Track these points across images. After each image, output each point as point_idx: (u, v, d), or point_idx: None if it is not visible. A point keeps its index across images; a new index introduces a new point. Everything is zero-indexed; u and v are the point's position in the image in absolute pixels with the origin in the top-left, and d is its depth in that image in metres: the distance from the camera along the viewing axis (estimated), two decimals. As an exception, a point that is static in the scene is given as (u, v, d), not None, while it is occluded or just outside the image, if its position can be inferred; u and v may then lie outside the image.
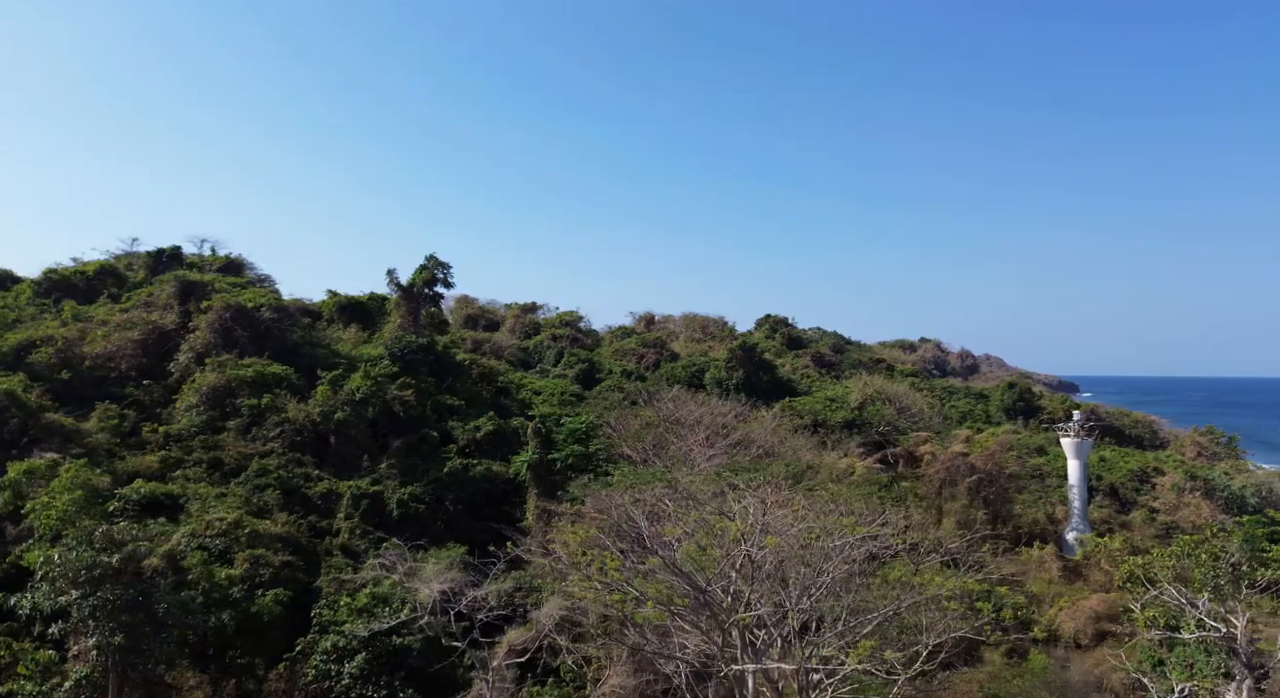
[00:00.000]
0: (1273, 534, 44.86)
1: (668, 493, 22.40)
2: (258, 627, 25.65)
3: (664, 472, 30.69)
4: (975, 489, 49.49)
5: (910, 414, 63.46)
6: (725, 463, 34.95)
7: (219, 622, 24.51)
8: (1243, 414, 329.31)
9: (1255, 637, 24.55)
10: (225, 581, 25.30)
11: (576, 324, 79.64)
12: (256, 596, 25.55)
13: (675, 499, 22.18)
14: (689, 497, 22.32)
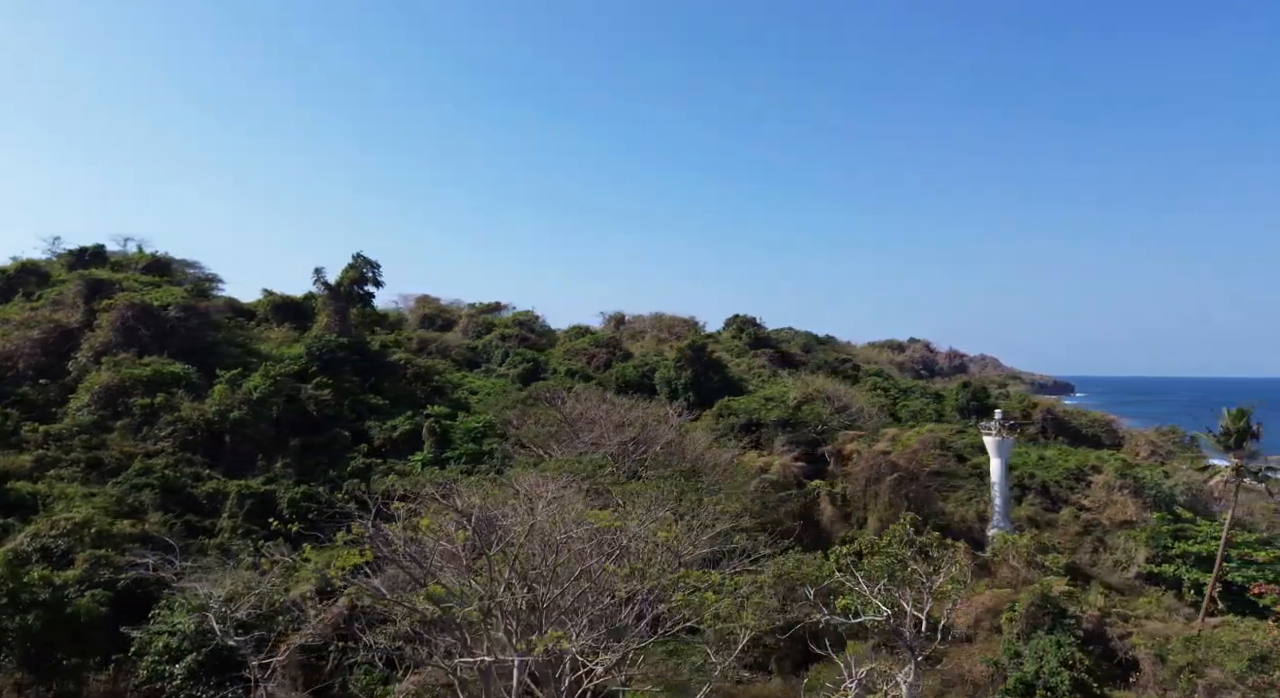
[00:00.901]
0: (1177, 531, 45.89)
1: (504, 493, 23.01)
2: (75, 628, 25.34)
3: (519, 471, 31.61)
4: (896, 488, 50.21)
5: (850, 413, 64.14)
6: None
7: (24, 623, 24.21)
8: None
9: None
10: (38, 581, 25.24)
11: (531, 324, 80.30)
12: (82, 596, 25.56)
13: (515, 499, 22.81)
14: (527, 497, 23.01)
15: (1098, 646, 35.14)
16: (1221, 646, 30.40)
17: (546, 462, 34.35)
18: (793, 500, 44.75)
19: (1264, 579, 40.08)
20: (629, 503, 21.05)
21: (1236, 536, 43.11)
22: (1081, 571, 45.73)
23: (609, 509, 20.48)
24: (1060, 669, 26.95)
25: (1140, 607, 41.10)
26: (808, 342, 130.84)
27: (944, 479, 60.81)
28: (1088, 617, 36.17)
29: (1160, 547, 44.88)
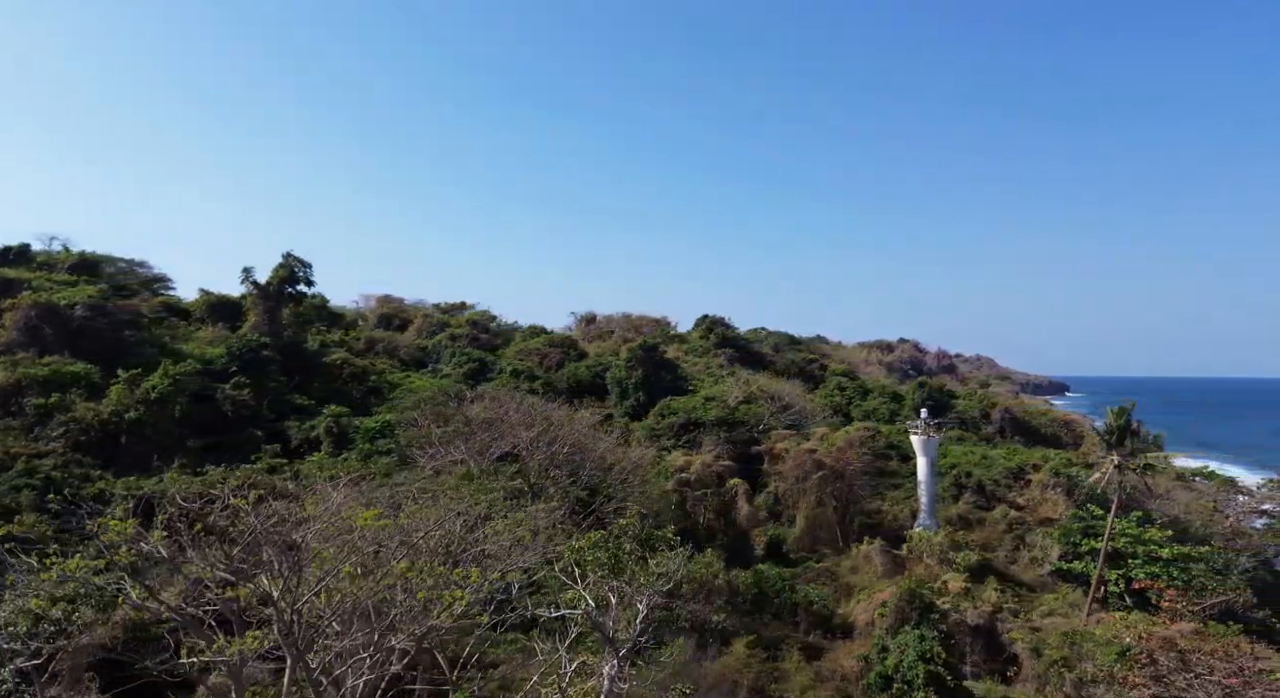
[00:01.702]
0: (1087, 528, 46.38)
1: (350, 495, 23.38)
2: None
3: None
4: (822, 485, 50.70)
5: (792, 412, 64.62)
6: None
7: None
8: (1216, 413, 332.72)
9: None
10: None
11: (486, 324, 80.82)
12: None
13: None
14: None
15: (985, 640, 35.76)
16: (1094, 640, 30.92)
17: (418, 466, 34.92)
18: (708, 499, 45.20)
19: (1168, 576, 40.54)
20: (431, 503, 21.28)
21: (1145, 533, 43.52)
22: (995, 567, 46.22)
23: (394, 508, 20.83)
24: (917, 663, 27.42)
25: (1045, 603, 41.66)
26: (780, 341, 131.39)
27: (884, 478, 61.36)
28: (979, 613, 36.74)
29: (1071, 544, 45.35)
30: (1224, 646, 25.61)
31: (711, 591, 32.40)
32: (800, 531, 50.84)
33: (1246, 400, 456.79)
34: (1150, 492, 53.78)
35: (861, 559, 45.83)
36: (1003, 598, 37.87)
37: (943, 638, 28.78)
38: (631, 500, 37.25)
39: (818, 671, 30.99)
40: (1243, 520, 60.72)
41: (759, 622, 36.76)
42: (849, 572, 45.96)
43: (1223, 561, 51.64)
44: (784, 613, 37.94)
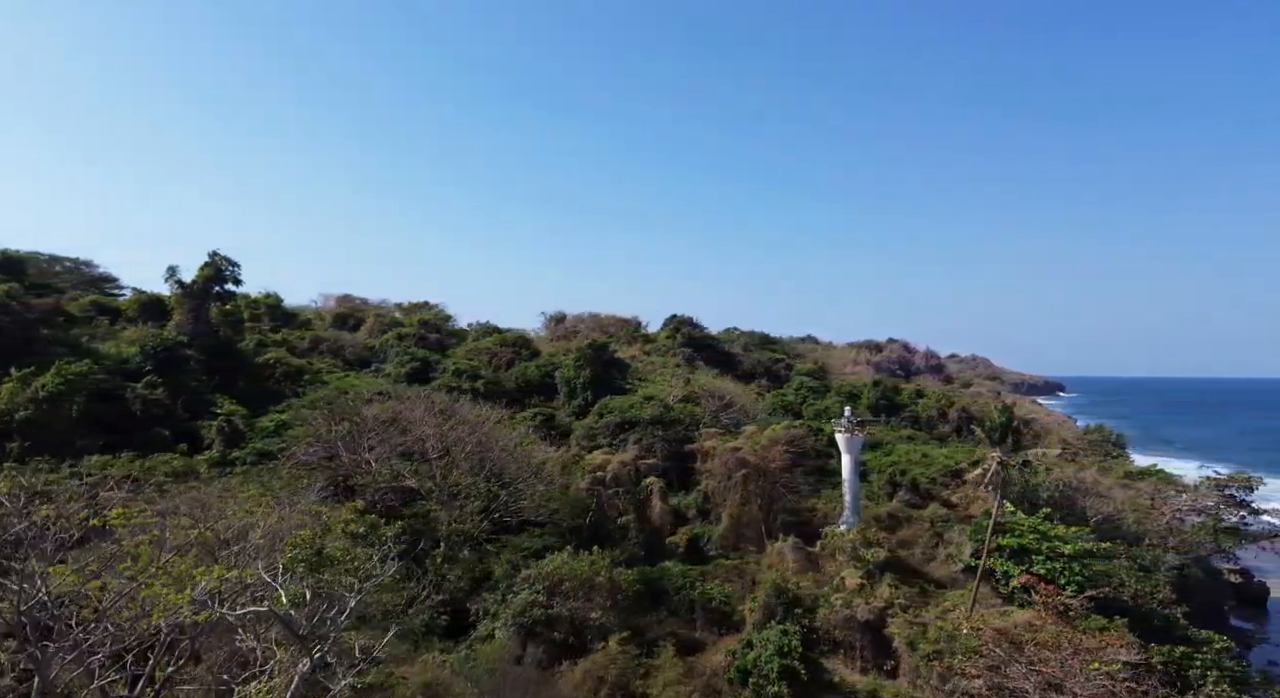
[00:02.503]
0: (998, 526, 46.47)
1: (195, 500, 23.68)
2: None
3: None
4: (746, 483, 50.89)
5: (733, 410, 64.82)
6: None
7: None
8: (1204, 413, 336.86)
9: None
10: None
11: (438, 324, 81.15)
12: None
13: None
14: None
15: (873, 636, 35.95)
16: (962, 635, 31.12)
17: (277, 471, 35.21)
18: (620, 497, 45.45)
19: (1068, 571, 40.64)
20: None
21: (1050, 529, 43.65)
22: (909, 564, 46.39)
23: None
24: (773, 658, 27.64)
25: (950, 599, 41.82)
26: (752, 341, 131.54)
27: (825, 476, 61.53)
28: (869, 609, 36.93)
29: (980, 541, 45.46)
30: (1054, 637, 25.80)
31: (592, 588, 32.62)
32: (725, 528, 51.05)
33: (1239, 400, 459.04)
34: (1026, 486, 54.07)
35: (776, 556, 46.01)
36: (895, 594, 38.01)
37: (805, 632, 28.96)
38: (532, 496, 37.61)
39: (691, 666, 31.21)
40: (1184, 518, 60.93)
41: (654, 619, 37.02)
42: (765, 569, 46.17)
43: (1150, 557, 51.92)
44: (681, 610, 38.16)
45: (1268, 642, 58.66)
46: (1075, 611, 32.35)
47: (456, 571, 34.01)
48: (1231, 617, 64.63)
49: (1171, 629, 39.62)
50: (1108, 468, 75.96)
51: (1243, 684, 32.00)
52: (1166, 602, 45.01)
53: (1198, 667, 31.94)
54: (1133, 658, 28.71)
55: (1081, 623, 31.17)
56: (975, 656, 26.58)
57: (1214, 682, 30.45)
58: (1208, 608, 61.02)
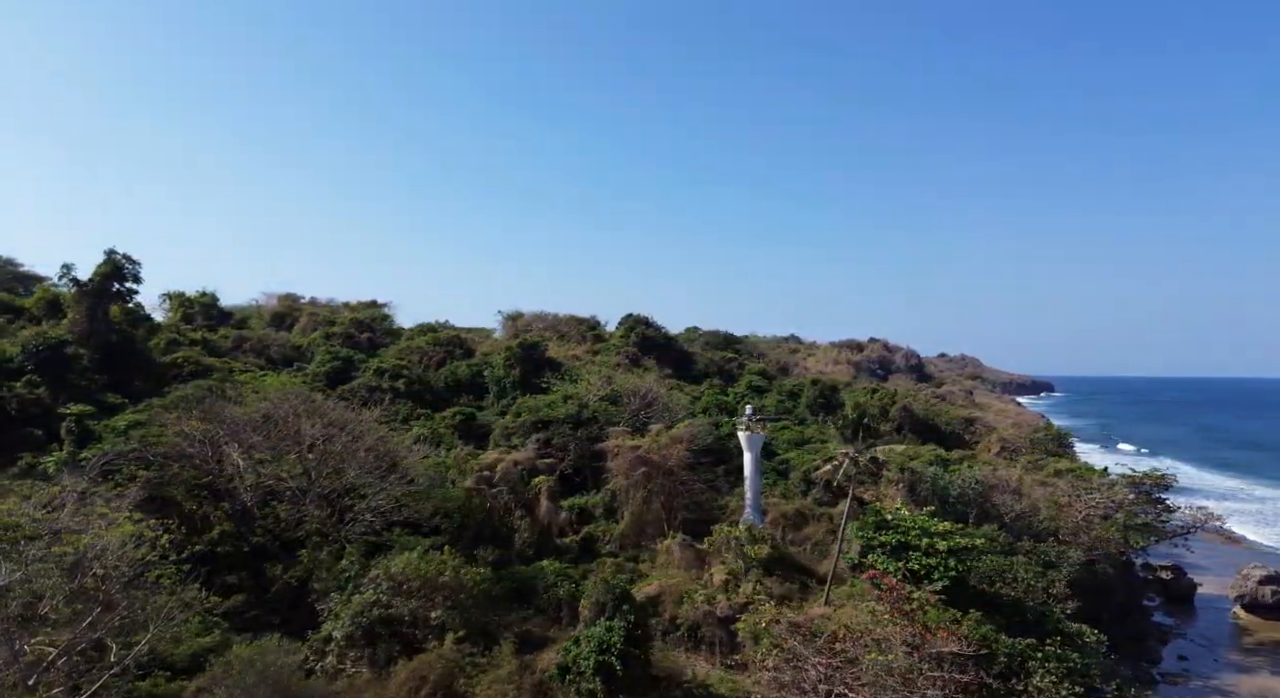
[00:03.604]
0: (881, 523, 46.46)
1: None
2: None
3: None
4: (647, 482, 50.90)
5: (656, 409, 64.76)
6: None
7: None
8: (1174, 411, 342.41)
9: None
10: None
11: (372, 323, 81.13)
12: None
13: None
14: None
15: (729, 630, 35.98)
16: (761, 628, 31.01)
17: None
18: (504, 497, 45.45)
19: (945, 567, 40.61)
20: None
21: (933, 526, 43.60)
22: (794, 560, 46.44)
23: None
24: (591, 654, 27.64)
25: (834, 597, 41.85)
26: (712, 341, 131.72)
27: (738, 475, 61.58)
28: (730, 605, 36.97)
29: (867, 538, 45.43)
30: (843, 628, 25.85)
31: (435, 588, 32.62)
32: (626, 526, 51.10)
33: (1232, 400, 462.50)
34: (936, 485, 54.07)
35: (665, 554, 46.07)
36: (761, 589, 38.05)
37: (630, 627, 28.94)
38: (389, 495, 37.61)
39: (529, 663, 31.21)
40: (1096, 515, 60.86)
41: (517, 617, 37.04)
42: (656, 567, 46.21)
43: (1055, 553, 51.95)
44: (549, 608, 38.18)
45: (1184, 638, 58.80)
46: (919, 603, 32.32)
47: (298, 571, 34.06)
48: (1157, 613, 64.85)
49: (1043, 623, 39.61)
50: (1040, 466, 76.10)
51: (1081, 677, 32.01)
52: (1061, 597, 45.08)
53: (1037, 659, 31.98)
54: (960, 649, 28.74)
55: (921, 616, 31.13)
56: (775, 649, 26.63)
57: (1043, 674, 30.49)
58: (1127, 604, 61.30)
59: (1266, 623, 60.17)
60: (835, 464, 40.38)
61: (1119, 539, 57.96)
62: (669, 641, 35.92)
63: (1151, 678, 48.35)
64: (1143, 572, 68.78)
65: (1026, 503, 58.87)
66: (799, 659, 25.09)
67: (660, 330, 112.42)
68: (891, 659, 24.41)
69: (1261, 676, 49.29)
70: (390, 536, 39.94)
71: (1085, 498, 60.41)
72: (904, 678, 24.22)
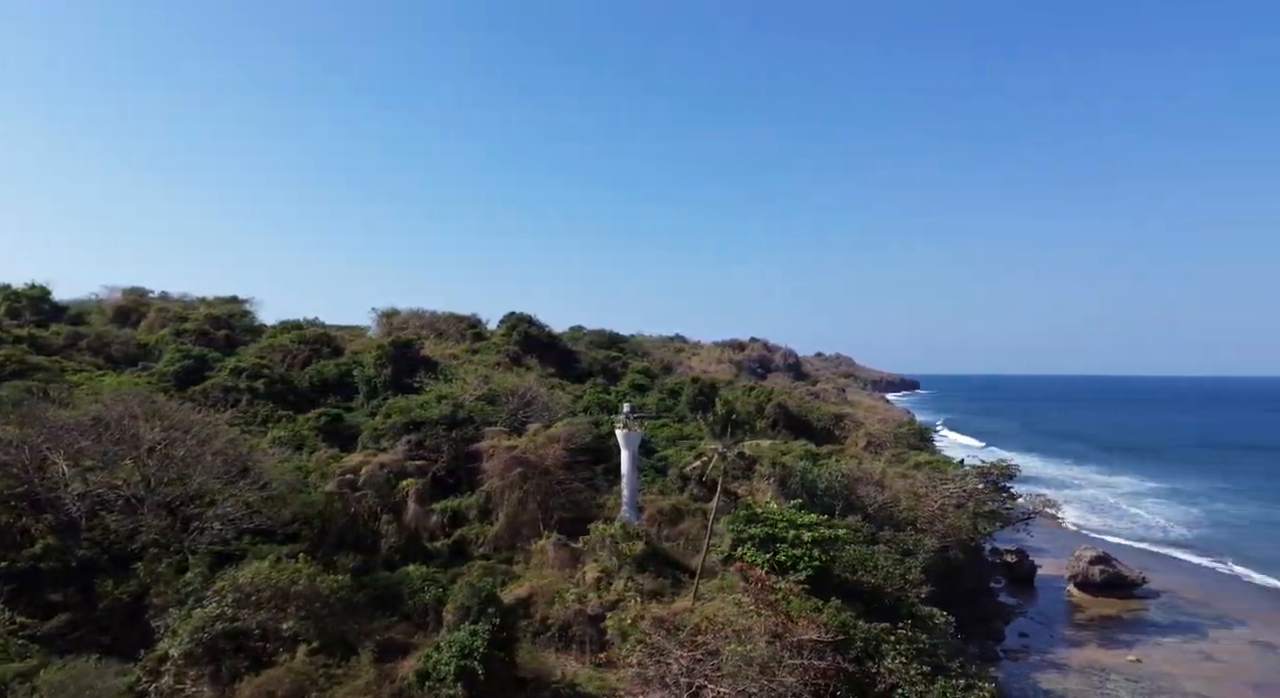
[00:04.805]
0: (751, 516, 47.67)
1: None
2: None
3: None
4: (522, 483, 50.15)
5: (536, 408, 63.98)
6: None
7: None
8: (1037, 407, 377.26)
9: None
10: None
11: (230, 319, 76.20)
12: None
13: None
14: None
15: (599, 629, 35.89)
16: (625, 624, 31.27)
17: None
18: (369, 500, 43.62)
19: (809, 557, 42.10)
20: None
21: (799, 518, 45.11)
22: (669, 556, 46.98)
23: None
24: (453, 659, 26.80)
25: (704, 590, 42.46)
26: (596, 340, 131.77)
27: (617, 473, 61.72)
28: (600, 603, 36.89)
29: (737, 532, 46.51)
30: (706, 621, 26.38)
31: (288, 597, 30.74)
32: (501, 528, 50.09)
33: (1097, 397, 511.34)
34: (805, 479, 56.24)
35: (539, 554, 45.47)
36: (630, 586, 38.15)
37: (496, 630, 28.27)
38: (241, 501, 35.23)
39: (389, 672, 29.92)
40: (950, 504, 64.86)
41: (381, 624, 35.49)
42: (530, 568, 45.54)
43: (913, 542, 54.91)
44: (415, 614, 36.81)
45: (1025, 616, 63.51)
46: (783, 594, 33.29)
47: (133, 585, 31.40)
48: (1002, 594, 69.80)
49: (898, 608, 41.72)
50: (902, 459, 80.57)
51: (929, 657, 33.88)
52: (916, 583, 47.65)
53: (890, 642, 33.57)
54: (819, 637, 29.74)
55: (784, 606, 32.06)
56: (640, 644, 26.78)
57: (894, 657, 32.04)
58: (975, 586, 65.72)
59: (1095, 600, 65.94)
60: (704, 460, 40.93)
61: (969, 527, 62.03)
62: (539, 642, 35.37)
63: (995, 655, 51.88)
64: (990, 556, 73.87)
65: (888, 494, 61.97)
66: (662, 654, 25.22)
67: (543, 329, 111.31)
68: (751, 650, 24.94)
69: (1090, 648, 53.88)
70: (241, 544, 37.44)
71: (941, 489, 64.29)
72: (763, 668, 24.78)
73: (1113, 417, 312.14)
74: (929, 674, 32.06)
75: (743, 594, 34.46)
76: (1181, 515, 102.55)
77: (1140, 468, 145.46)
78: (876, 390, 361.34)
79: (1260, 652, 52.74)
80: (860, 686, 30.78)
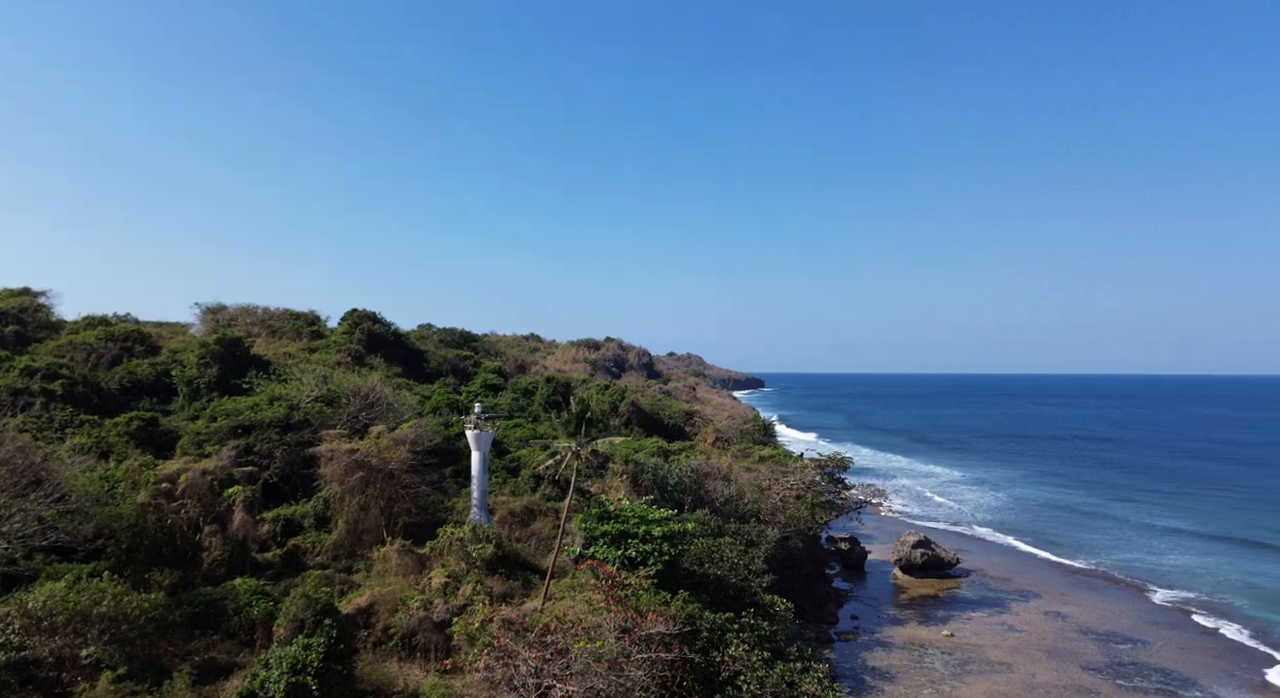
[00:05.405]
0: (604, 514, 48.00)
1: None
2: None
3: None
4: (364, 487, 47.81)
5: (380, 409, 61.18)
6: None
7: None
8: (863, 403, 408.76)
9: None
10: None
11: (23, 314, 67.64)
12: None
13: None
14: None
15: (442, 636, 34.85)
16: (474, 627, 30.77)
17: None
18: (189, 511, 40.02)
19: (659, 552, 42.94)
20: None
21: (650, 513, 45.89)
22: (521, 557, 46.48)
23: None
24: (283, 676, 25.02)
25: (554, 589, 42.18)
26: (447, 339, 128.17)
27: (467, 475, 60.24)
28: (447, 608, 35.80)
29: (590, 530, 46.72)
30: (555, 620, 26.39)
31: (87, 621, 27.54)
32: (340, 536, 47.48)
33: (915, 393, 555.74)
34: (657, 475, 57.59)
35: (381, 562, 43.47)
36: (479, 590, 37.32)
37: (333, 643, 26.69)
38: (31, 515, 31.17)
39: (209, 695, 27.53)
40: (795, 494, 68.29)
41: (202, 644, 32.64)
42: (374, 576, 43.43)
43: (756, 533, 57.22)
44: (241, 631, 34.09)
45: (857, 599, 67.80)
46: (632, 589, 33.65)
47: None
48: (836, 579, 74.26)
49: (742, 597, 43.37)
50: (748, 453, 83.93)
51: (770, 643, 35.41)
52: (759, 572, 49.73)
53: (734, 630, 34.76)
54: (667, 629, 30.23)
55: (634, 601, 32.41)
56: (488, 648, 26.27)
57: (737, 644, 33.24)
58: (813, 573, 69.61)
59: (917, 581, 71.59)
60: (557, 459, 40.69)
61: (808, 517, 65.61)
62: (381, 652, 33.81)
63: (829, 637, 55.11)
64: (826, 544, 78.63)
65: (735, 488, 64.25)
66: (510, 656, 24.77)
67: (389, 327, 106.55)
68: (600, 646, 24.99)
69: (911, 626, 58.41)
70: (33, 565, 33.26)
71: (783, 481, 67.55)
72: (611, 664, 24.91)
73: (931, 411, 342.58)
74: (769, 660, 33.50)
75: (593, 592, 34.57)
76: (990, 501, 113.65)
77: (952, 459, 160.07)
78: (725, 388, 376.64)
79: (1052, 621, 59.26)
80: (705, 674, 31.69)
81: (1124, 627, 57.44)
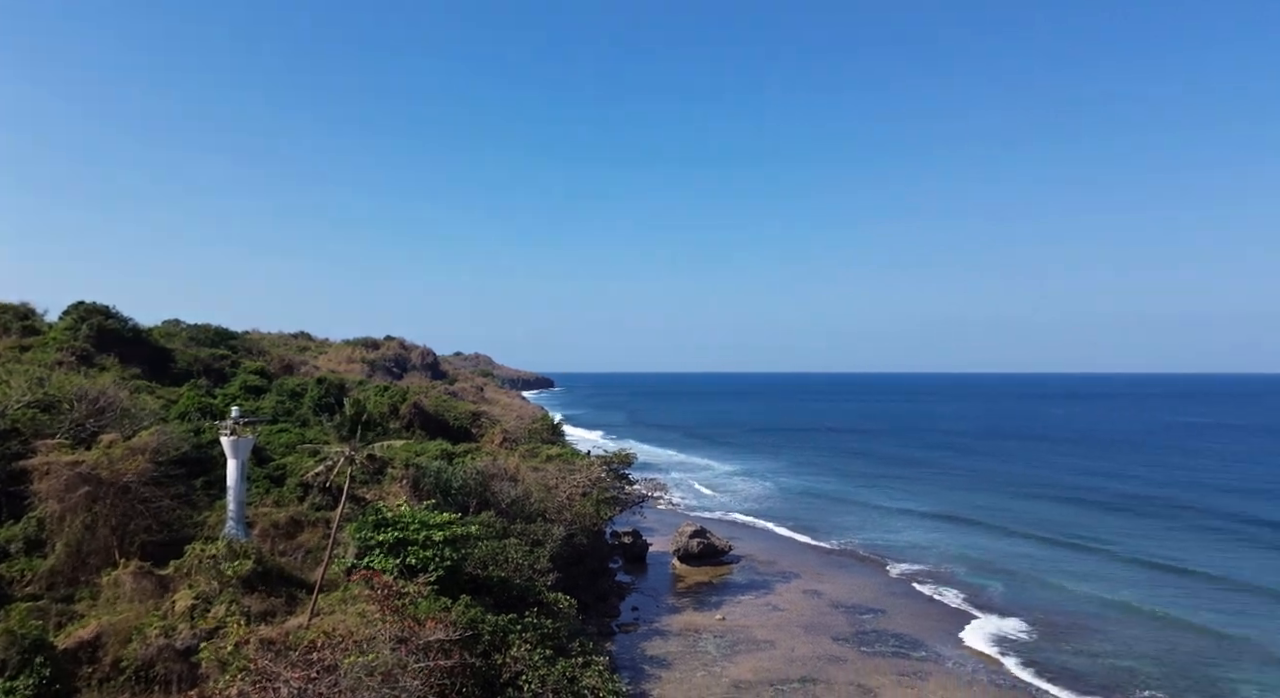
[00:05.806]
0: (380, 521, 45.66)
1: None
2: None
3: None
4: (91, 504, 41.62)
5: (113, 416, 53.52)
6: None
7: None
8: (643, 401, 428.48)
9: None
10: None
11: None
12: None
13: None
14: None
15: (187, 665, 31.32)
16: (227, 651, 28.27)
17: None
18: None
19: (441, 557, 41.54)
20: None
21: (432, 518, 44.32)
22: (285, 572, 42.91)
23: None
24: (-24, 732, 21.05)
25: (324, 603, 39.27)
26: (202, 336, 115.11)
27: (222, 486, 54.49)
28: (195, 633, 32.20)
29: (364, 539, 44.23)
30: (322, 636, 24.90)
31: None
32: (59, 561, 40.89)
33: (696, 391, 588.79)
34: (439, 479, 56.48)
35: (112, 588, 38.03)
36: (233, 610, 33.90)
37: (44, 684, 22.87)
38: None
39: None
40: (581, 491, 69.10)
41: None
42: (103, 604, 37.81)
43: (542, 532, 57.14)
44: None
45: (638, 591, 70.04)
46: (410, 597, 32.26)
47: None
48: (619, 573, 76.23)
49: (527, 596, 43.19)
50: (536, 453, 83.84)
51: (552, 640, 35.58)
52: (544, 571, 49.67)
53: (517, 631, 34.50)
54: (447, 635, 29.29)
55: (412, 610, 31.06)
56: (243, 672, 23.99)
57: (519, 644, 33.06)
58: (596, 568, 70.99)
59: (694, 569, 75.48)
60: (328, 464, 38.01)
61: (594, 513, 66.84)
62: (109, 689, 29.52)
63: (611, 630, 56.49)
64: (610, 539, 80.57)
65: (521, 488, 63.86)
66: (270, 678, 22.63)
67: (126, 322, 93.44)
68: (373, 659, 23.63)
69: (688, 613, 61.43)
70: None
71: (569, 479, 68.22)
72: (385, 676, 23.64)
73: (705, 407, 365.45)
74: (551, 658, 33.65)
75: (367, 603, 32.66)
76: (758, 490, 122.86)
77: (723, 453, 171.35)
78: (514, 388, 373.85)
79: (809, 598, 65.16)
80: (486, 678, 31.14)
81: (867, 599, 64.52)
